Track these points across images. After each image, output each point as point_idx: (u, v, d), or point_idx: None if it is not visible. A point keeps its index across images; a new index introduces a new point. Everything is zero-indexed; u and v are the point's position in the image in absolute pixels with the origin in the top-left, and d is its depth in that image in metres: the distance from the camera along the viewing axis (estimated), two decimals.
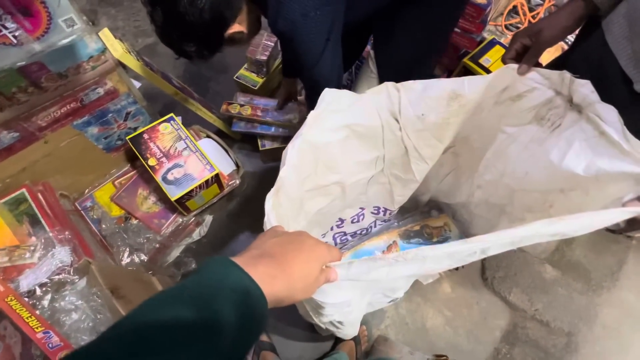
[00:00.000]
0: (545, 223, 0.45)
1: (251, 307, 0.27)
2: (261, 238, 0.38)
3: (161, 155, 0.94)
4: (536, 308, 1.14)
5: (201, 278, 0.28)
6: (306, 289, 0.35)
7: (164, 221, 1.02)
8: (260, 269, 0.30)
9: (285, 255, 0.34)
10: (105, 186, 1.05)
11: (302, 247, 0.36)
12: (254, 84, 1.38)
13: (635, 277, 1.17)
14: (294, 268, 0.33)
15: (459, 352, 1.09)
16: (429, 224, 1.06)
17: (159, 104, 1.49)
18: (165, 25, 0.66)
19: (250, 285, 0.28)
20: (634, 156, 0.54)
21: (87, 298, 0.61)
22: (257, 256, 0.33)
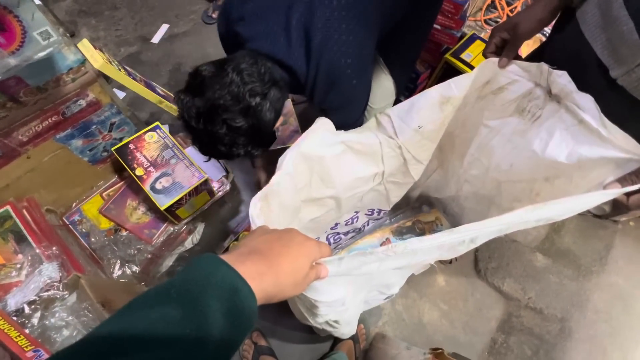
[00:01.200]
0: (530, 209, 0.46)
1: (240, 304, 0.27)
2: (250, 236, 0.38)
3: (148, 165, 0.93)
4: (529, 296, 1.16)
5: (188, 275, 0.27)
6: (296, 284, 0.34)
7: (155, 231, 1.00)
8: (249, 266, 0.30)
9: (274, 252, 0.34)
10: (92, 199, 1.03)
11: (290, 244, 0.36)
12: None
13: (622, 260, 1.20)
14: (283, 264, 0.33)
15: (456, 345, 1.10)
16: (420, 219, 1.07)
17: (144, 113, 1.48)
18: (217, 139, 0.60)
19: (238, 282, 0.28)
20: (613, 142, 0.56)
21: (77, 313, 0.60)
22: (246, 253, 0.32)
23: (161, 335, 0.22)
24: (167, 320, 0.23)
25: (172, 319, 0.23)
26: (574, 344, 1.09)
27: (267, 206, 0.62)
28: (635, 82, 0.54)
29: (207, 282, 0.27)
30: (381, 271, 0.50)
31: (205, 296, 0.25)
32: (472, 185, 0.97)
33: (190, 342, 0.23)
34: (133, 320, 0.23)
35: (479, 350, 1.11)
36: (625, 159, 0.54)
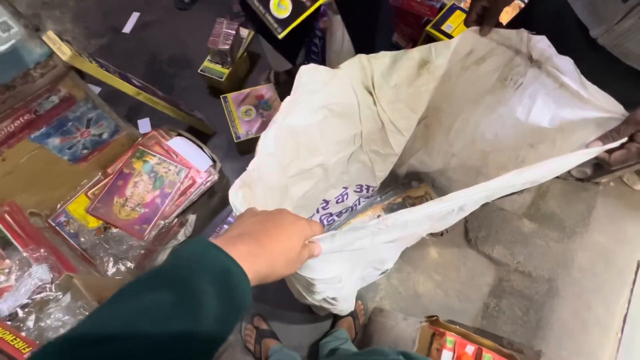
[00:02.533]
0: (516, 173, 0.48)
1: (233, 285, 0.27)
2: (239, 219, 0.37)
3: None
4: (518, 261, 1.20)
5: (177, 260, 0.27)
6: (289, 264, 0.35)
7: (146, 226, 0.99)
8: (240, 248, 0.30)
9: (265, 233, 0.34)
10: (78, 199, 1.01)
11: (281, 223, 0.35)
12: (220, 75, 1.34)
13: (604, 219, 1.25)
14: (275, 244, 0.33)
15: (451, 312, 1.15)
16: (410, 195, 1.08)
17: (123, 107, 1.43)
18: None
19: (230, 264, 0.28)
20: (593, 103, 0.57)
21: (73, 312, 0.60)
22: (236, 236, 0.32)
23: (154, 320, 0.22)
24: (159, 305, 0.23)
25: (164, 304, 0.23)
26: (560, 301, 1.15)
27: (251, 192, 0.61)
28: (615, 40, 0.55)
29: (199, 266, 0.26)
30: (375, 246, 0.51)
31: (197, 279, 0.25)
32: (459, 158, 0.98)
33: (184, 326, 0.23)
34: (124, 307, 0.23)
35: (473, 315, 1.16)
36: (606, 118, 0.56)
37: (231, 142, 1.26)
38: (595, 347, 1.09)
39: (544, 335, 1.10)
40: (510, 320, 1.14)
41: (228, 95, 1.30)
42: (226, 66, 1.35)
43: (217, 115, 1.35)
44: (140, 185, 1.03)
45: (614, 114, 0.54)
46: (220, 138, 1.38)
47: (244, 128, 1.26)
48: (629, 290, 1.17)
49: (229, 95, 1.30)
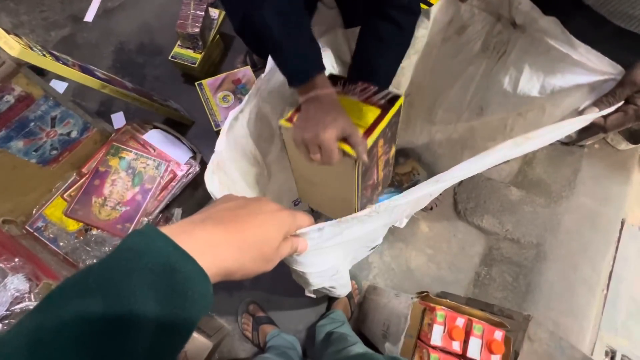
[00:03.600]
0: (511, 145, 0.46)
1: (179, 287, 0.22)
2: (212, 203, 0.32)
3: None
4: (507, 229, 1.22)
5: (112, 258, 0.22)
6: (263, 259, 0.29)
7: (129, 225, 0.96)
8: (198, 236, 0.25)
9: (236, 220, 0.28)
10: (54, 202, 0.97)
11: (258, 212, 0.30)
12: (193, 61, 1.27)
13: (589, 181, 1.26)
14: (245, 234, 0.27)
15: (444, 284, 1.17)
16: (397, 172, 1.07)
17: (93, 102, 1.36)
18: None
19: (177, 260, 0.22)
20: (585, 65, 0.54)
21: None
22: (198, 221, 0.27)
23: (76, 338, 0.18)
24: (84, 316, 0.19)
25: (91, 314, 0.19)
26: (548, 264, 1.18)
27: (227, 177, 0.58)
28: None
29: (135, 265, 0.21)
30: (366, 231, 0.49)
31: (130, 283, 0.20)
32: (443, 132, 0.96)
33: (112, 345, 0.19)
34: (44, 322, 0.19)
35: (465, 285, 1.18)
36: (600, 80, 0.53)
37: (211, 131, 1.22)
38: (582, 306, 1.13)
39: (533, 298, 1.13)
40: (501, 286, 1.17)
41: (203, 82, 1.24)
42: (198, 51, 1.29)
43: (193, 103, 1.29)
44: (119, 183, 0.99)
45: (609, 75, 0.52)
46: (199, 127, 1.33)
47: (222, 115, 1.21)
48: (614, 249, 1.20)
49: (204, 81, 1.24)
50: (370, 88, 0.61)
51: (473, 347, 0.60)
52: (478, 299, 1.11)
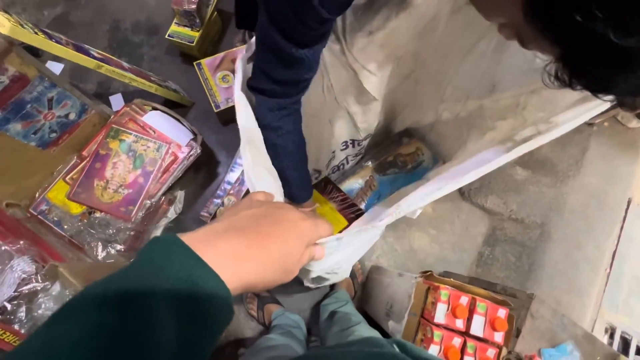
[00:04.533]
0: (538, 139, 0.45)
1: (201, 304, 0.21)
2: (233, 208, 0.30)
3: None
4: (511, 209, 1.21)
5: (132, 271, 0.21)
6: (284, 272, 0.28)
7: (132, 207, 0.96)
8: (221, 247, 0.24)
9: (258, 230, 0.27)
10: (56, 185, 0.96)
11: (283, 222, 0.28)
12: (190, 39, 1.23)
13: (596, 160, 1.24)
14: (269, 246, 0.26)
15: (446, 264, 1.17)
16: (401, 152, 1.05)
17: (91, 84, 1.33)
18: None
19: (199, 275, 0.22)
20: None
21: (63, 301, 0.59)
22: (221, 231, 0.26)
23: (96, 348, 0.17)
24: (104, 331, 0.18)
25: (111, 330, 0.18)
26: (552, 244, 1.17)
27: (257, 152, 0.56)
28: None
29: (156, 281, 0.20)
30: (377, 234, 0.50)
31: (151, 301, 0.20)
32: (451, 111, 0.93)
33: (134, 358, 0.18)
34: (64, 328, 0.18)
35: (468, 265, 1.19)
36: None
37: (211, 112, 1.20)
38: (585, 285, 1.14)
39: (536, 277, 1.14)
40: (504, 266, 1.17)
41: (202, 62, 1.20)
42: (196, 29, 1.24)
43: (192, 84, 1.26)
44: (120, 166, 0.99)
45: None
46: (199, 109, 1.31)
47: (222, 96, 1.19)
48: (619, 228, 1.19)
49: (202, 61, 1.20)
50: (348, 200, 0.81)
51: (476, 325, 0.61)
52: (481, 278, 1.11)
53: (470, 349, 0.60)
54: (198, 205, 1.21)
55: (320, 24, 0.41)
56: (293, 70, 0.47)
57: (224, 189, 1.17)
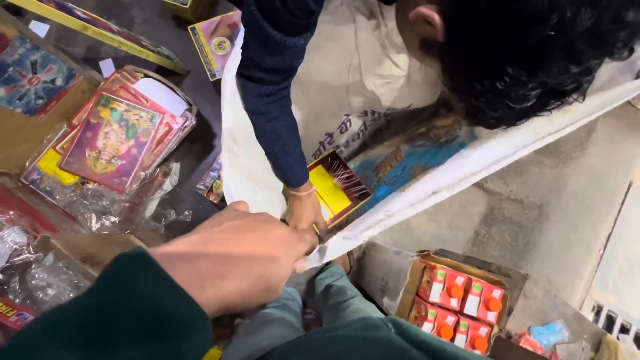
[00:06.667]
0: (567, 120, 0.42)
1: (172, 339, 0.18)
2: (214, 219, 0.27)
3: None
4: (511, 189, 1.20)
5: (93, 296, 0.18)
6: (270, 290, 0.25)
7: (126, 179, 0.94)
8: (200, 265, 0.21)
9: (244, 246, 0.24)
10: (47, 154, 0.94)
11: (268, 237, 0.26)
12: (184, 1, 1.15)
13: (602, 142, 1.22)
14: (255, 265, 0.24)
15: (442, 242, 1.18)
16: (436, 124, 0.92)
17: (79, 47, 1.26)
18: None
19: (172, 303, 0.18)
20: None
21: (56, 272, 0.58)
22: (200, 244, 0.23)
23: None
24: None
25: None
26: (549, 225, 1.18)
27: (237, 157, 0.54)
28: None
29: (119, 311, 0.17)
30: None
31: (114, 337, 0.16)
32: None
33: None
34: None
35: (464, 243, 1.19)
36: None
37: (207, 81, 1.14)
38: (578, 265, 1.15)
39: (530, 257, 1.15)
40: (499, 245, 1.18)
41: (196, 26, 1.13)
42: None
43: (187, 50, 1.20)
44: (112, 136, 0.95)
45: None
46: (194, 77, 1.25)
47: (218, 64, 1.13)
48: (616, 211, 1.19)
49: (197, 25, 1.13)
50: (353, 178, 0.80)
51: (470, 304, 0.61)
52: (476, 257, 1.12)
53: (462, 327, 0.60)
54: (194, 177, 1.19)
55: (309, 15, 0.41)
56: (281, 57, 0.46)
57: (220, 162, 1.15)
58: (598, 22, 0.28)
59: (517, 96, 0.32)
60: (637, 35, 0.30)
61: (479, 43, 0.32)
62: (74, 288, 0.60)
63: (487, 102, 0.35)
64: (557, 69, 0.30)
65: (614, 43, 0.30)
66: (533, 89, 0.32)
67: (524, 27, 0.29)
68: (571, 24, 0.28)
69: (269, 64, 0.47)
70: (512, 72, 0.31)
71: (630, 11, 0.28)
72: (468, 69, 0.35)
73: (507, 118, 0.36)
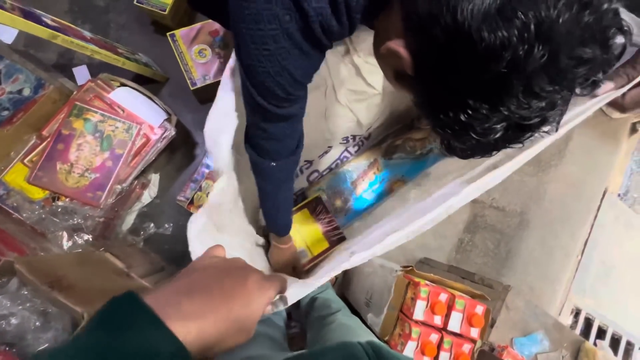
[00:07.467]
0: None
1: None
2: (194, 265, 0.30)
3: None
4: (493, 197, 1.22)
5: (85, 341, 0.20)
6: (243, 333, 0.27)
7: (100, 193, 0.90)
8: (186, 311, 0.23)
9: (223, 293, 0.26)
10: (14, 168, 0.88)
11: (244, 282, 0.28)
12: (162, 7, 1.12)
13: (578, 150, 1.25)
14: (233, 310, 0.26)
15: (427, 250, 1.18)
16: (411, 137, 0.98)
17: (51, 53, 1.21)
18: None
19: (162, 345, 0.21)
20: None
21: (21, 300, 0.55)
22: (184, 292, 0.25)
23: None
24: None
25: None
26: (530, 232, 1.20)
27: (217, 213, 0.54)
28: None
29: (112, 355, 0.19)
30: None
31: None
32: None
33: None
34: None
35: (448, 251, 1.20)
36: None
37: (187, 89, 1.11)
38: (557, 271, 1.18)
39: (512, 264, 1.17)
40: (482, 252, 1.20)
41: (176, 33, 1.10)
42: None
43: (167, 57, 1.16)
44: (86, 148, 0.91)
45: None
46: (173, 84, 1.22)
47: (199, 72, 1.10)
48: (593, 217, 1.23)
49: (176, 32, 1.10)
50: (333, 222, 0.86)
51: (454, 321, 0.61)
52: (459, 264, 1.13)
53: (446, 344, 0.60)
54: (174, 189, 1.15)
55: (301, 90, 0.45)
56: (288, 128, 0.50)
57: (202, 173, 1.12)
58: (554, 58, 0.28)
59: (483, 129, 0.33)
60: (598, 70, 0.30)
61: (440, 75, 0.33)
62: (39, 316, 0.56)
63: (453, 134, 0.35)
64: (516, 104, 0.30)
65: (573, 79, 0.30)
66: (497, 122, 0.32)
67: (480, 63, 0.30)
68: (525, 61, 0.28)
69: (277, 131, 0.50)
70: (473, 105, 0.31)
71: (588, 47, 0.28)
72: (434, 100, 0.36)
73: (477, 149, 0.37)
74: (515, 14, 0.27)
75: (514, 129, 0.33)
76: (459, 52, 0.30)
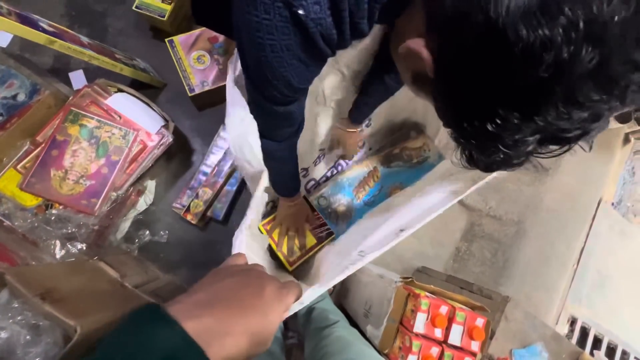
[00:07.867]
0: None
1: None
2: (213, 276, 0.30)
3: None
4: (490, 206, 1.22)
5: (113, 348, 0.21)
6: (261, 343, 0.27)
7: (95, 200, 0.88)
8: (207, 323, 0.24)
9: (242, 305, 0.27)
10: (6, 174, 0.87)
11: (263, 294, 0.29)
12: (161, 13, 1.11)
13: (574, 160, 1.26)
14: (252, 320, 0.26)
15: (425, 258, 1.18)
16: (407, 146, 1.01)
17: (47, 57, 1.19)
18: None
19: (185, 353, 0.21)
20: None
21: (12, 314, 0.53)
22: (206, 303, 0.25)
23: None
24: None
25: None
26: (527, 241, 1.20)
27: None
28: None
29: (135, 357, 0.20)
30: None
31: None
32: None
33: None
34: None
35: (445, 260, 1.20)
36: None
37: (185, 96, 1.10)
38: (554, 280, 1.18)
39: (510, 274, 1.17)
40: (480, 261, 1.20)
41: (175, 39, 1.10)
42: (167, 1, 1.12)
43: (165, 62, 1.15)
44: (81, 154, 0.90)
45: None
46: (171, 90, 1.21)
47: (197, 78, 1.09)
48: (588, 226, 1.24)
49: (175, 38, 1.09)
50: (321, 219, 0.91)
51: (454, 334, 0.60)
52: (457, 273, 1.13)
53: (447, 357, 0.59)
54: (171, 195, 1.14)
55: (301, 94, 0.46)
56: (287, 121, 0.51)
57: (199, 180, 1.10)
58: (604, 63, 0.24)
59: (513, 141, 0.29)
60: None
61: (466, 80, 0.29)
62: (30, 329, 0.54)
63: (477, 145, 0.32)
64: (555, 114, 0.26)
65: (626, 87, 0.25)
66: (530, 134, 0.28)
67: (514, 67, 0.26)
68: (570, 65, 0.24)
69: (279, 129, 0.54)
70: (503, 114, 0.27)
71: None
72: (456, 107, 0.32)
73: (503, 163, 0.33)
74: (561, 10, 0.23)
75: (549, 141, 0.30)
76: (490, 53, 0.27)
